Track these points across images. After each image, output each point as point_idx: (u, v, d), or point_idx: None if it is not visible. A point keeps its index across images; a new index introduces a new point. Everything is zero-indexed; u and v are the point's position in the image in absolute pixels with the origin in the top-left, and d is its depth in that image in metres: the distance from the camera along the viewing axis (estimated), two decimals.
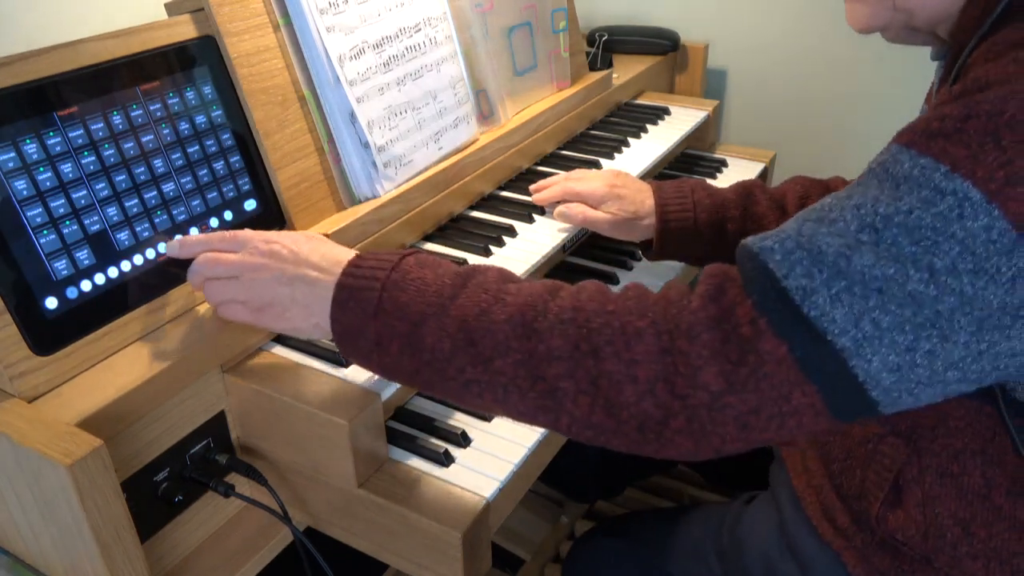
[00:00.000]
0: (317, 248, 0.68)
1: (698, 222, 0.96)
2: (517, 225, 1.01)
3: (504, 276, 0.64)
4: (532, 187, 1.05)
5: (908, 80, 1.42)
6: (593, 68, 1.36)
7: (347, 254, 0.68)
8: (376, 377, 0.75)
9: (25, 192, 0.66)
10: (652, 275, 1.06)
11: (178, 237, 0.74)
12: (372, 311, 0.63)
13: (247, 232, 0.72)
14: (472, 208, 1.06)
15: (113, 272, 0.72)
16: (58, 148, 0.69)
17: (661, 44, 1.50)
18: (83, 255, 0.70)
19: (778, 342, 0.54)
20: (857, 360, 0.53)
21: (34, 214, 0.67)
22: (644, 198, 0.98)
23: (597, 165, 1.17)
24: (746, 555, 0.87)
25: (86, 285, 0.70)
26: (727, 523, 0.92)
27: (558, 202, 1.02)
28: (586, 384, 0.57)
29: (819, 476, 0.81)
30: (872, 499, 0.74)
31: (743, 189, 1.00)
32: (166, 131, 0.77)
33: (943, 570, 0.72)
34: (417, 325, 0.62)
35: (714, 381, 0.55)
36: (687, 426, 0.56)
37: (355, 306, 0.64)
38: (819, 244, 0.55)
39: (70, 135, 0.70)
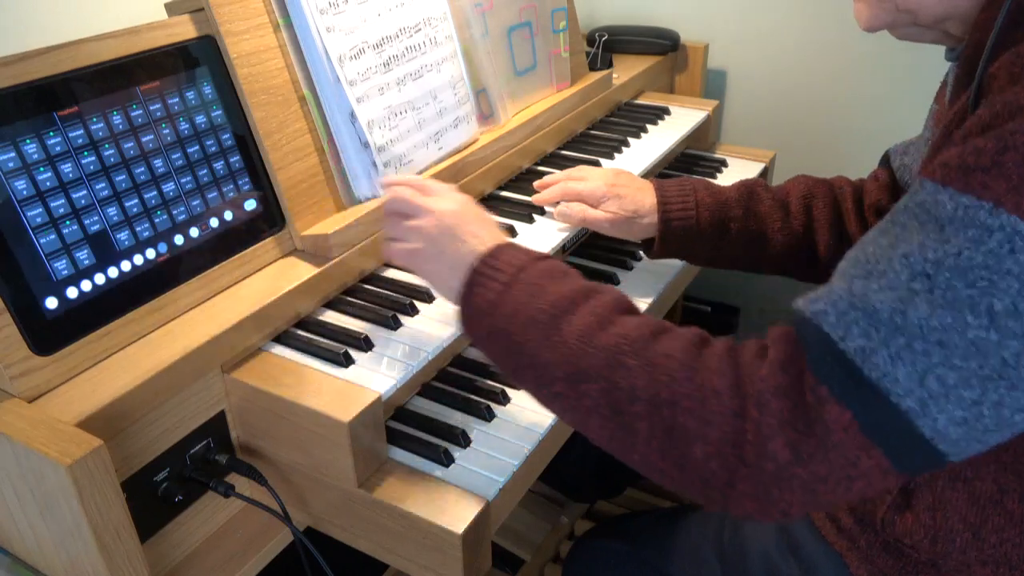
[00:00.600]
0: (476, 228, 0.74)
1: (700, 221, 0.96)
2: (517, 225, 1.01)
3: (619, 305, 0.65)
4: (537, 183, 1.05)
5: (908, 80, 1.42)
6: (593, 68, 1.36)
7: (496, 239, 0.73)
8: (376, 377, 0.75)
9: (25, 192, 0.66)
10: (653, 275, 1.06)
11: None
12: (490, 306, 0.67)
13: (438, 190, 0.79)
14: None
15: (113, 272, 0.72)
16: (58, 148, 0.69)
17: (661, 44, 1.50)
18: (83, 255, 0.70)
19: (841, 409, 0.53)
20: (924, 420, 0.52)
21: (34, 214, 0.67)
22: (644, 197, 0.98)
23: (597, 165, 1.17)
24: (747, 556, 0.87)
25: (86, 285, 0.70)
26: (727, 524, 0.91)
27: (558, 202, 1.02)
28: (660, 431, 0.58)
29: None
30: (879, 502, 0.73)
31: (745, 188, 0.99)
32: (166, 131, 0.77)
33: (950, 575, 0.72)
34: (525, 330, 0.65)
35: (782, 452, 0.54)
36: (752, 491, 0.56)
37: (480, 295, 0.68)
38: (872, 302, 0.54)
39: (70, 135, 0.70)
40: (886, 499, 0.73)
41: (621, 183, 0.99)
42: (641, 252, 1.09)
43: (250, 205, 0.84)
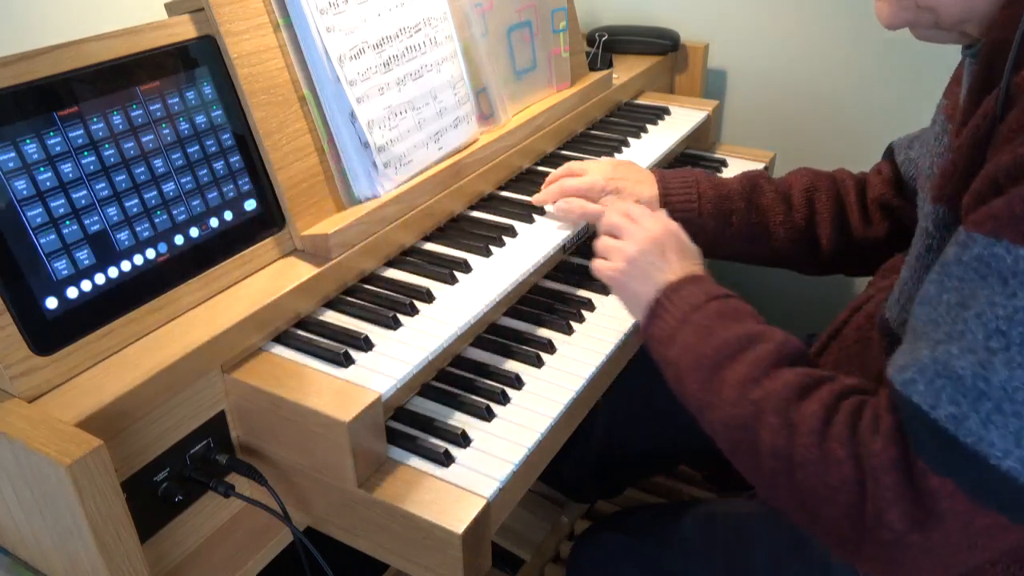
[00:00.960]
0: (672, 256, 0.81)
1: (702, 214, 0.96)
2: (517, 225, 1.01)
3: (780, 354, 0.69)
4: (535, 200, 1.04)
5: (908, 80, 1.42)
6: (593, 68, 1.36)
7: (685, 270, 0.80)
8: (376, 377, 0.75)
9: (25, 192, 0.66)
10: None
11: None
12: (667, 337, 0.75)
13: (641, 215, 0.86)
14: (472, 208, 1.06)
15: (113, 272, 0.72)
16: (58, 148, 0.69)
17: (661, 44, 1.50)
18: (83, 255, 0.70)
19: (941, 479, 0.55)
20: None
21: (34, 214, 0.67)
22: (643, 189, 0.97)
23: None
24: (753, 552, 0.87)
25: (86, 285, 0.70)
26: (732, 520, 0.91)
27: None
28: (794, 490, 0.62)
29: None
30: None
31: (748, 180, 0.99)
32: (166, 131, 0.77)
33: (967, 574, 0.71)
34: (690, 370, 0.71)
35: (899, 522, 0.56)
36: (880, 554, 0.59)
37: (657, 326, 0.76)
38: (955, 368, 0.54)
39: (70, 135, 0.70)
40: None
41: (620, 175, 0.99)
42: None
43: (250, 205, 0.84)
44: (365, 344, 0.79)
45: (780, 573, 0.84)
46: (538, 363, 0.87)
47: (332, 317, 0.85)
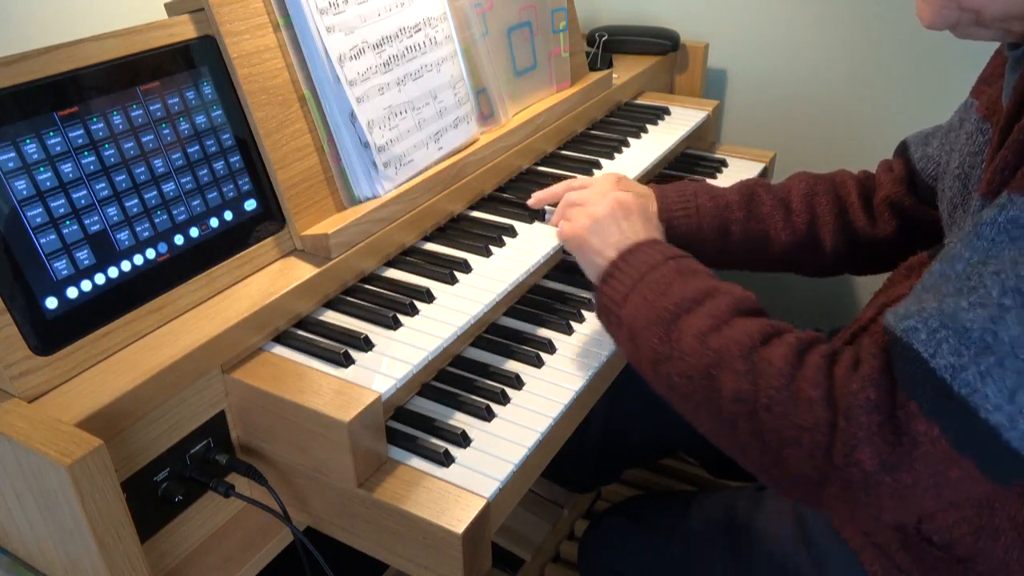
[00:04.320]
0: (621, 226, 0.82)
1: (702, 227, 0.96)
2: (517, 225, 1.01)
3: (738, 306, 0.70)
4: (535, 195, 1.02)
5: (908, 80, 1.42)
6: (593, 68, 1.36)
7: (648, 233, 0.81)
8: (376, 377, 0.76)
9: (25, 192, 0.66)
10: None
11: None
12: (622, 298, 0.75)
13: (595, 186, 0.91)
14: (472, 208, 1.06)
15: (113, 272, 0.72)
16: (58, 148, 0.69)
17: (661, 44, 1.50)
18: (83, 255, 0.70)
19: (929, 423, 0.56)
20: (1012, 433, 0.54)
21: (34, 214, 0.67)
22: (647, 204, 0.97)
23: (597, 165, 1.17)
24: (759, 543, 0.87)
25: (86, 285, 0.70)
26: (739, 510, 0.92)
27: (555, 204, 1.01)
28: (759, 431, 0.63)
29: None
30: None
31: (746, 189, 0.99)
32: (166, 131, 0.77)
33: (985, 573, 0.72)
34: (649, 324, 0.71)
35: (868, 461, 0.57)
36: (843, 494, 0.59)
37: (614, 286, 0.76)
38: (963, 320, 0.55)
39: (70, 135, 0.70)
40: None
41: (623, 188, 0.97)
42: None
43: (250, 205, 0.84)
44: (365, 344, 0.79)
45: (783, 566, 0.84)
46: (538, 363, 0.87)
47: (332, 317, 0.85)
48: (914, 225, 0.97)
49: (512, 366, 0.87)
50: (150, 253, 0.75)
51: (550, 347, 0.89)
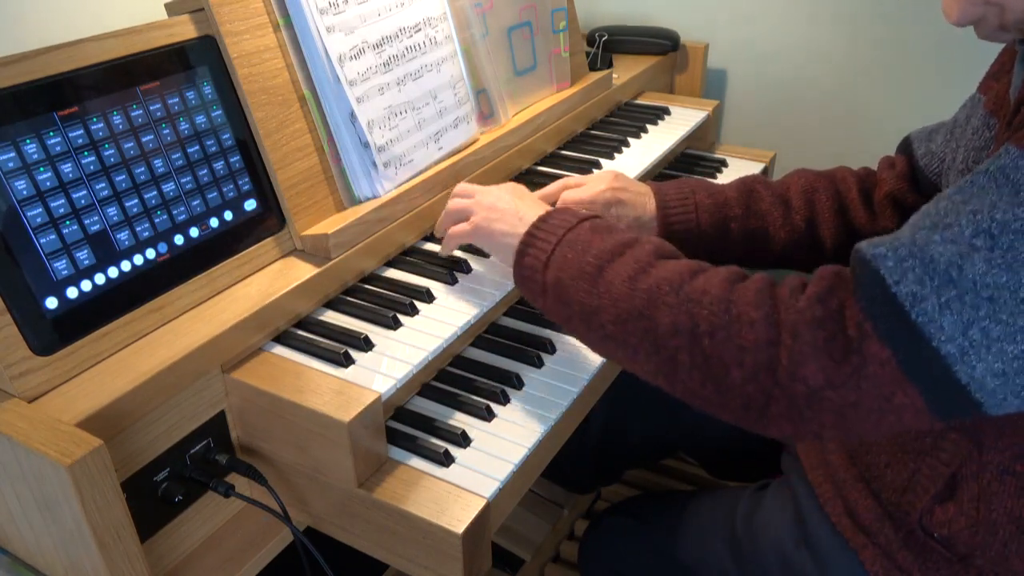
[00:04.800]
0: (520, 205, 0.83)
1: (701, 224, 0.96)
2: None
3: (659, 251, 0.72)
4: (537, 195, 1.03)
5: (908, 80, 1.42)
6: (593, 68, 1.36)
7: (541, 210, 0.81)
8: (376, 377, 0.76)
9: (25, 192, 0.66)
10: None
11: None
12: (543, 263, 0.75)
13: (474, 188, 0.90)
14: None
15: (113, 272, 0.72)
16: (58, 148, 0.69)
17: (661, 44, 1.50)
18: (83, 255, 0.70)
19: (882, 346, 0.57)
20: (961, 366, 0.55)
21: (34, 214, 0.67)
22: (646, 200, 0.97)
23: (597, 165, 1.17)
24: (760, 543, 0.87)
25: (86, 285, 0.70)
26: (740, 510, 0.92)
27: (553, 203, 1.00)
28: (700, 360, 0.63)
29: (842, 470, 0.81)
30: (921, 492, 0.74)
31: (744, 186, 0.99)
32: (166, 131, 0.77)
33: (985, 568, 0.72)
34: (575, 280, 0.71)
35: (813, 376, 0.58)
36: (787, 412, 0.60)
37: (532, 255, 0.76)
38: (931, 252, 0.56)
39: (70, 135, 0.70)
40: (929, 489, 0.73)
41: (622, 186, 0.97)
42: None
43: (250, 205, 0.84)
44: (365, 344, 0.79)
45: (784, 566, 0.84)
46: (538, 363, 0.87)
47: (332, 317, 0.85)
48: None
49: (512, 366, 0.87)
50: (150, 253, 0.75)
51: (550, 347, 0.89)
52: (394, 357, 0.78)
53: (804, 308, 0.60)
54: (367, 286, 0.90)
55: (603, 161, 1.18)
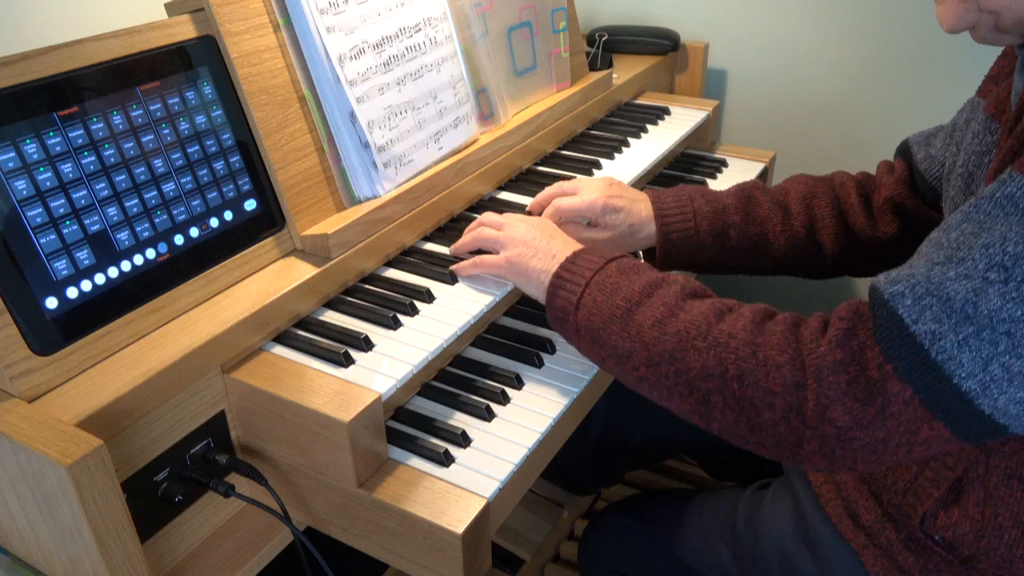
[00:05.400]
0: (552, 243, 0.84)
1: (699, 231, 0.95)
2: None
3: (687, 291, 0.73)
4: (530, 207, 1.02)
5: (908, 80, 1.42)
6: (593, 68, 1.36)
7: (576, 246, 0.83)
8: (376, 377, 0.76)
9: (25, 192, 0.66)
10: None
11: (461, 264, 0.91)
12: (574, 305, 0.76)
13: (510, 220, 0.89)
14: (472, 208, 1.06)
15: (113, 272, 0.72)
16: (58, 148, 0.69)
17: (661, 44, 1.50)
18: (83, 255, 0.70)
19: (904, 385, 0.58)
20: (984, 400, 0.56)
21: (34, 214, 0.67)
22: (642, 207, 0.96)
23: (597, 165, 1.17)
24: (760, 543, 0.87)
25: (86, 285, 0.70)
26: (741, 509, 0.92)
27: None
28: (732, 402, 0.65)
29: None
30: (924, 495, 0.74)
31: (743, 193, 0.99)
32: (166, 131, 0.77)
33: (988, 571, 0.72)
34: (607, 323, 0.73)
35: (840, 418, 0.59)
36: (819, 450, 0.62)
37: (564, 296, 0.78)
38: (948, 290, 0.57)
39: (70, 135, 0.70)
40: (932, 493, 0.74)
41: (615, 193, 0.96)
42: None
43: (250, 205, 0.84)
44: (365, 344, 0.79)
45: (785, 564, 0.84)
46: (538, 363, 0.87)
47: (332, 317, 0.85)
48: (916, 226, 0.97)
49: (512, 366, 0.87)
50: (150, 253, 0.75)
51: (550, 347, 0.89)
52: (394, 357, 0.78)
53: (825, 352, 0.61)
54: (367, 286, 0.90)
55: (603, 161, 1.18)
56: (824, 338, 0.62)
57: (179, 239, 0.78)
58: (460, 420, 0.80)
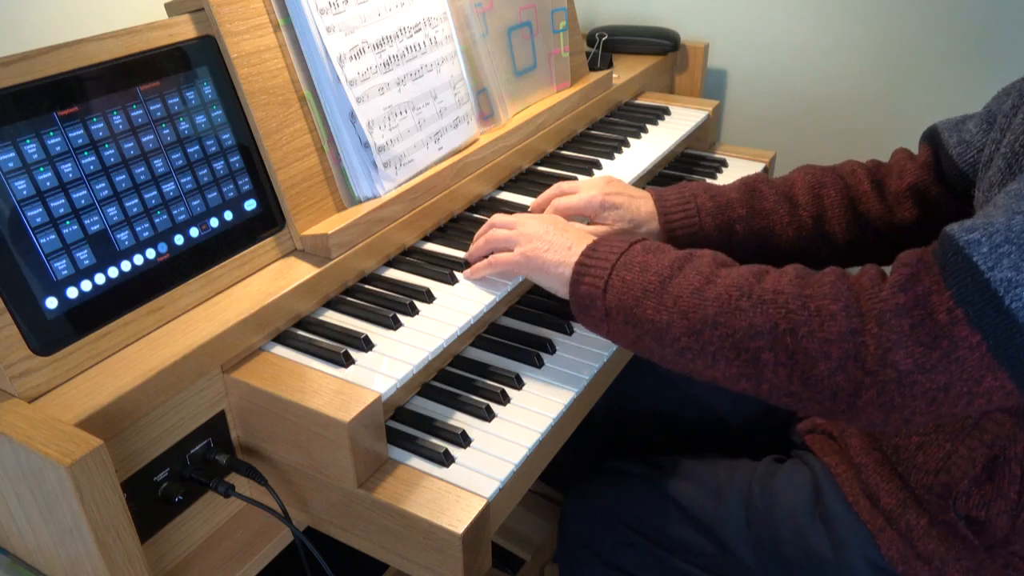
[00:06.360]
0: (567, 235, 0.83)
1: (704, 227, 0.95)
2: None
3: (718, 260, 0.73)
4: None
5: (908, 80, 1.42)
6: (593, 68, 1.36)
7: (587, 238, 0.82)
8: (376, 377, 0.76)
9: (25, 192, 0.66)
10: None
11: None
12: (602, 289, 0.75)
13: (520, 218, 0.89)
14: (472, 208, 1.06)
15: (113, 272, 0.72)
16: (58, 148, 0.69)
17: (661, 44, 1.51)
18: (83, 255, 0.70)
19: (973, 331, 0.58)
20: None
21: (34, 214, 0.67)
22: (642, 204, 0.96)
23: (597, 165, 1.17)
24: (775, 512, 0.86)
25: (86, 285, 0.70)
26: (759, 474, 0.91)
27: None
28: (784, 358, 0.64)
29: (861, 454, 0.80)
30: (959, 474, 0.74)
31: (747, 186, 0.98)
32: (166, 131, 0.77)
33: (1018, 553, 0.72)
34: (640, 300, 0.72)
35: (903, 361, 0.59)
36: (877, 398, 0.61)
37: (589, 282, 0.76)
38: None
39: (70, 135, 0.70)
40: (968, 471, 0.73)
41: (614, 190, 0.96)
42: None
43: (250, 205, 0.84)
44: (365, 344, 0.79)
45: (798, 535, 0.84)
46: (538, 363, 0.87)
47: (332, 317, 0.85)
48: (936, 213, 0.95)
49: (512, 366, 0.87)
50: (150, 253, 0.75)
51: (550, 347, 0.89)
52: (394, 357, 0.78)
53: (888, 296, 0.61)
54: (367, 286, 0.90)
55: (603, 161, 1.18)
56: (886, 283, 0.62)
57: (179, 239, 0.78)
58: (460, 420, 0.80)
